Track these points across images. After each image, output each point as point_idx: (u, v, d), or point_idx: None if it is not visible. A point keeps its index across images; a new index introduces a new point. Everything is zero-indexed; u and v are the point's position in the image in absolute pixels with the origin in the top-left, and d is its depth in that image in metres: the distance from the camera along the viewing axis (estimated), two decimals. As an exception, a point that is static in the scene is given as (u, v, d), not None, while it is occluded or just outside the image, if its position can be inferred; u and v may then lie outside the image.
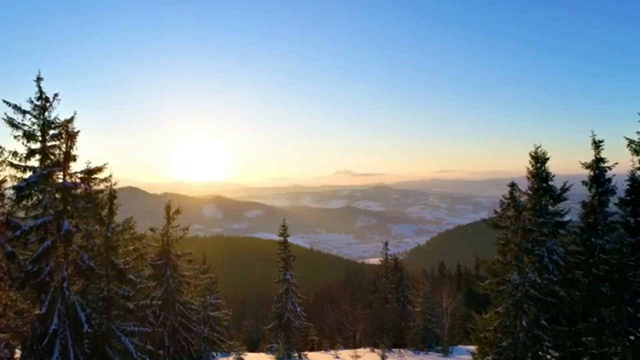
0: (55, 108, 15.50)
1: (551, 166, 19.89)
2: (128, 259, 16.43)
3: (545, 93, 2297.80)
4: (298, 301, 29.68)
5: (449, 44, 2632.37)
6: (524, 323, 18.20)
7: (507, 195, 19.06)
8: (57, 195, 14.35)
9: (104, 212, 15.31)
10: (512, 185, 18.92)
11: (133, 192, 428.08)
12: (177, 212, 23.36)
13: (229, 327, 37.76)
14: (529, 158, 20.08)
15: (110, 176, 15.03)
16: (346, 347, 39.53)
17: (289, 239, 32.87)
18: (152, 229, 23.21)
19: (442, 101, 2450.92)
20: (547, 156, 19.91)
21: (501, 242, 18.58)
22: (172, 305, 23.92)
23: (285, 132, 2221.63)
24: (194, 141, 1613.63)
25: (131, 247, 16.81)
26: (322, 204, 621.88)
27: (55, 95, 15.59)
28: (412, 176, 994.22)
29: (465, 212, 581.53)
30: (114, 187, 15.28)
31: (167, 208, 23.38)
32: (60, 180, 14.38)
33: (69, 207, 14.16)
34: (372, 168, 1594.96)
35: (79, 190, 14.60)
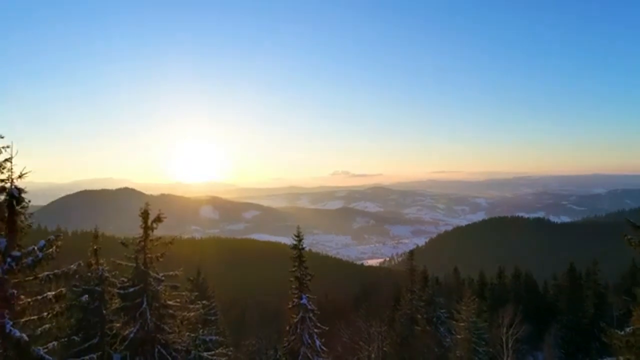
0: None
1: (549, 167, 13.35)
2: (46, 313, 8.90)
3: (544, 93, 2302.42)
4: (316, 331, 23.11)
5: (446, 45, 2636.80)
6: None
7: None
8: None
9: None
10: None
11: (129, 193, 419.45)
12: (159, 219, 17.08)
13: (228, 346, 31.45)
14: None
15: (10, 160, 7.73)
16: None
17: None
18: (123, 243, 17.27)
19: (440, 102, 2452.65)
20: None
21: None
22: (151, 347, 17.27)
23: (282, 132, 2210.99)
24: (190, 142, 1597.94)
25: (51, 294, 9.06)
26: (319, 204, 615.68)
27: None
28: (409, 177, 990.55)
29: (463, 212, 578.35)
30: (15, 180, 7.53)
31: (144, 214, 16.90)
32: None
33: None
34: (370, 169, 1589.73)
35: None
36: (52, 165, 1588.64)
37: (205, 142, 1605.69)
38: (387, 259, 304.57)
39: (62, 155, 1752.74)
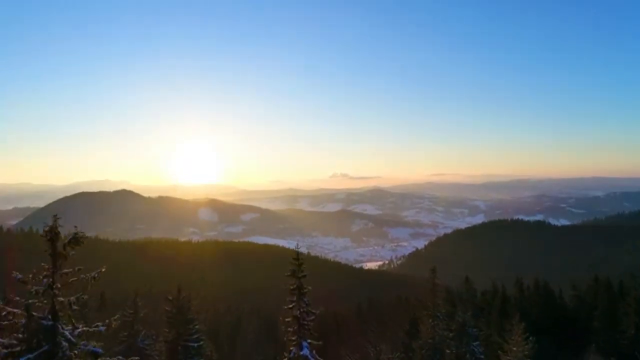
0: None
1: (548, 169, 11.85)
2: None
3: (542, 95, 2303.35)
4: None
5: (444, 46, 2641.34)
6: None
7: None
8: None
9: None
10: None
11: (128, 195, 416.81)
12: (76, 241, 11.41)
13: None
14: None
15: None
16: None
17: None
18: (21, 280, 10.92)
19: (438, 104, 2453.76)
20: None
21: None
22: None
23: (281, 134, 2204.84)
24: (189, 144, 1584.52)
25: None
26: (318, 207, 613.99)
27: None
28: (408, 179, 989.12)
29: (462, 215, 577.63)
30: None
31: (50, 231, 11.12)
32: None
33: None
34: (368, 171, 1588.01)
35: None
36: (52, 166, 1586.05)
37: (204, 144, 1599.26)
38: (387, 261, 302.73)
39: (62, 157, 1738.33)
